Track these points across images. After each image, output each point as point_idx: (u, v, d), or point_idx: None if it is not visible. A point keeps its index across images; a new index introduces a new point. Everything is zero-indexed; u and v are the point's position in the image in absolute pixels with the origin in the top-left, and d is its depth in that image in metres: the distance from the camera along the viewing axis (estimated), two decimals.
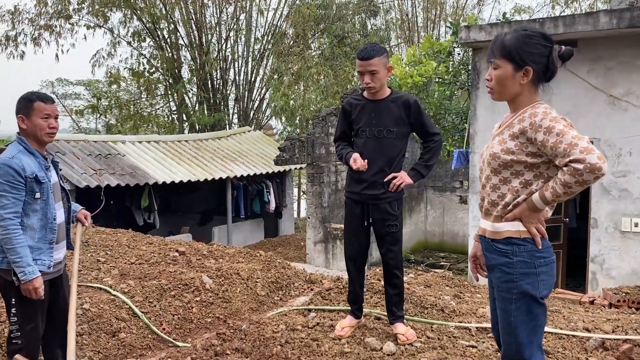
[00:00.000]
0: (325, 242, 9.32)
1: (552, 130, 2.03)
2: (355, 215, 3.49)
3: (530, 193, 2.13)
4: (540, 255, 2.14)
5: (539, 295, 2.13)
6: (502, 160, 2.16)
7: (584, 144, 1.97)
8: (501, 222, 2.19)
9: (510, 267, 2.15)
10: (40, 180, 2.93)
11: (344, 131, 3.62)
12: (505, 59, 2.15)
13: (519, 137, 2.12)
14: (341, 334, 3.47)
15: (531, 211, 2.12)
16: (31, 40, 17.65)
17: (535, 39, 2.14)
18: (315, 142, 9.18)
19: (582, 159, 1.94)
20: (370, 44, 3.46)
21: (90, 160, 10.46)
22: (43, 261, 2.96)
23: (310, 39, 19.07)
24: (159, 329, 4.25)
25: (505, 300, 2.18)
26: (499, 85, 2.19)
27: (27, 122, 2.95)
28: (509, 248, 2.16)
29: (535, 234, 2.14)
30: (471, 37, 6.30)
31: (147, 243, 6.64)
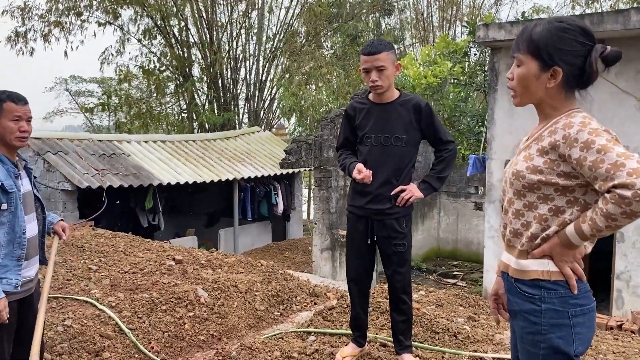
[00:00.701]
0: (332, 250, 8.97)
1: (591, 145, 1.62)
2: (359, 232, 3.13)
3: (562, 223, 1.73)
4: (575, 302, 1.73)
5: (574, 352, 1.72)
6: (527, 180, 1.77)
7: (634, 165, 1.55)
8: (527, 259, 1.79)
9: (537, 315, 1.74)
10: (7, 190, 2.62)
11: (346, 138, 3.25)
12: (531, 55, 1.76)
13: (549, 152, 1.73)
14: None
15: (565, 247, 1.72)
16: (41, 37, 17.53)
17: (571, 33, 1.73)
18: (323, 144, 8.83)
19: (630, 184, 1.52)
20: (376, 39, 3.09)
21: (93, 160, 10.21)
22: (9, 280, 2.65)
23: (322, 37, 18.72)
24: (147, 347, 3.93)
25: (530, 355, 1.77)
26: (521, 86, 1.81)
27: None
28: (536, 292, 1.75)
29: (571, 275, 1.73)
30: (490, 36, 5.91)
31: (145, 249, 6.35)
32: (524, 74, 1.79)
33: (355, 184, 3.09)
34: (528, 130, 5.88)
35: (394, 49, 3.09)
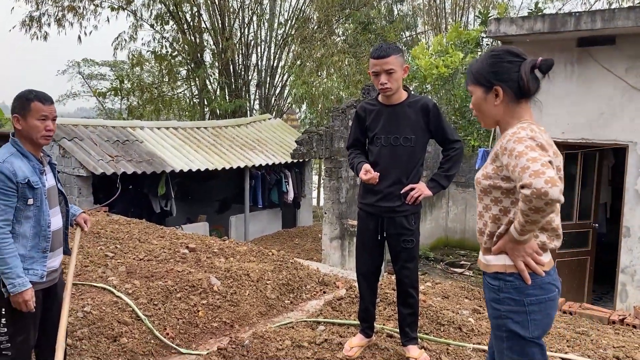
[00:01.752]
0: (342, 239, 9.09)
1: (512, 152, 1.88)
2: (369, 229, 3.25)
3: (509, 222, 1.98)
4: (531, 292, 1.96)
5: (529, 335, 1.96)
6: (482, 185, 2.08)
7: (536, 167, 1.78)
8: (489, 255, 2.06)
9: (498, 303, 2.02)
10: (34, 186, 2.76)
11: (357, 138, 3.36)
12: (475, 84, 2.09)
13: (495, 160, 2.02)
14: (349, 354, 3.25)
15: (513, 243, 1.95)
16: (55, 21, 17.63)
17: (498, 57, 2.04)
18: (334, 135, 8.91)
19: (528, 184, 1.76)
20: (384, 42, 3.21)
21: (107, 147, 10.37)
22: (35, 271, 2.80)
23: (334, 24, 18.67)
24: (163, 333, 4.09)
25: (497, 338, 2.06)
26: (478, 112, 2.13)
27: (23, 123, 2.78)
28: (496, 283, 2.02)
29: (522, 269, 1.95)
30: (501, 31, 5.94)
31: (159, 236, 6.51)
32: (476, 100, 2.10)
33: (366, 183, 3.19)
34: None
35: (403, 52, 3.19)
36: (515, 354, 1.99)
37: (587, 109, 6.04)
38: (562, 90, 6.06)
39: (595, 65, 5.91)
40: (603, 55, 5.87)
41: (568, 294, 6.31)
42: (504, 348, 2.01)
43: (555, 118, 6.11)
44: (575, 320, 4.35)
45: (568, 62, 6.09)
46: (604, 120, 5.97)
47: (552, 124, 6.09)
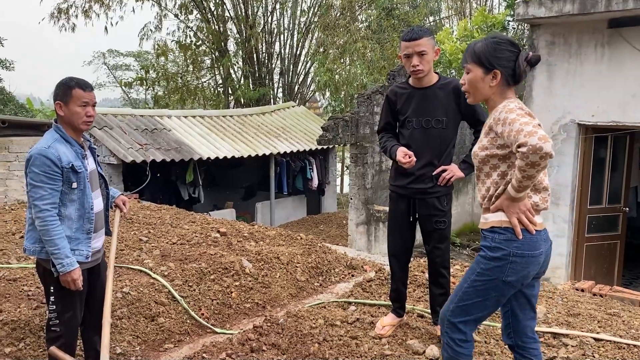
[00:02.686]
0: (368, 224, 9.15)
1: (506, 120, 2.16)
2: (401, 211, 3.29)
3: (507, 183, 2.26)
4: (517, 245, 2.23)
5: (504, 278, 2.25)
6: (480, 157, 2.35)
7: (529, 128, 2.07)
8: (488, 214, 2.34)
9: (488, 249, 2.30)
10: (77, 170, 2.87)
11: (388, 122, 3.39)
12: (476, 64, 2.33)
13: (489, 133, 2.31)
14: (382, 333, 3.33)
15: (509, 201, 2.22)
16: (82, 13, 17.90)
17: (503, 45, 2.31)
18: (359, 121, 8.93)
19: (524, 143, 2.04)
20: (416, 25, 3.25)
21: (136, 135, 10.57)
22: (81, 251, 2.92)
23: (357, 11, 18.57)
24: (198, 314, 4.22)
25: (470, 269, 2.38)
26: (472, 88, 2.37)
27: (65, 109, 2.88)
28: (490, 235, 2.31)
29: (515, 224, 2.23)
30: (529, 13, 5.88)
31: (190, 221, 6.65)
32: (473, 78, 2.35)
33: (398, 165, 3.23)
34: (566, 108, 5.88)
35: (433, 35, 3.21)
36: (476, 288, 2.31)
37: (617, 91, 5.96)
38: (592, 72, 5.99)
39: (627, 46, 5.82)
40: (635, 36, 5.77)
41: (598, 278, 6.29)
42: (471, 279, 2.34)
43: (585, 101, 6.04)
44: (606, 302, 4.34)
45: (598, 43, 6.00)
46: (635, 102, 5.88)
47: (582, 107, 6.04)
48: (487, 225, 2.31)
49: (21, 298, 3.95)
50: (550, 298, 4.17)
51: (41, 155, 2.76)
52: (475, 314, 2.35)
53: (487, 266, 2.27)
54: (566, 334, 3.40)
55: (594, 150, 6.31)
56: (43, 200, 2.76)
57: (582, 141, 6.22)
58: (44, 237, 2.77)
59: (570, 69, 6.08)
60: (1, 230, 5.93)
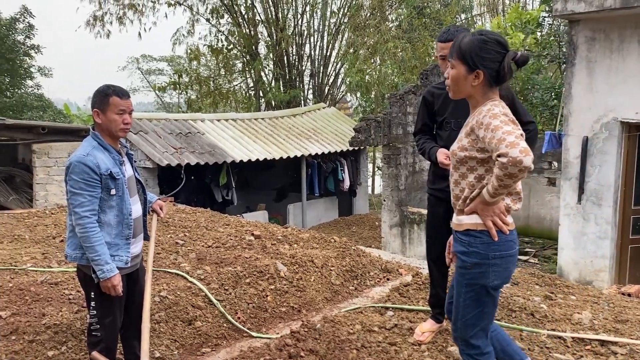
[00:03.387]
0: (402, 227, 9.04)
1: (489, 126, 2.14)
2: (439, 214, 3.23)
3: (483, 187, 2.26)
4: (495, 247, 2.26)
5: (489, 284, 2.28)
6: (458, 157, 2.32)
7: (511, 139, 2.05)
8: (462, 216, 2.34)
9: (465, 255, 2.30)
10: (115, 177, 2.89)
11: (425, 124, 3.33)
12: (460, 61, 2.27)
13: (470, 134, 2.27)
14: (421, 339, 3.26)
15: (484, 204, 2.24)
16: (116, 19, 18.28)
17: (489, 44, 2.24)
18: (392, 122, 8.84)
19: (505, 153, 2.03)
20: (452, 25, 3.17)
21: (171, 139, 10.72)
22: (120, 257, 2.95)
23: (387, 10, 18.45)
24: (234, 317, 4.23)
25: (459, 283, 2.38)
26: (454, 84, 2.33)
27: (102, 117, 2.91)
28: (466, 239, 2.31)
29: (490, 226, 2.25)
30: (568, 9, 5.70)
31: (224, 224, 6.70)
32: (456, 75, 2.30)
33: (436, 168, 3.16)
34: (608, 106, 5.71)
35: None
36: (470, 299, 2.32)
37: None
38: (636, 68, 5.76)
39: None
40: None
41: None
42: (462, 292, 2.35)
43: (628, 98, 5.83)
44: None
45: None
46: None
47: (625, 104, 5.82)
48: (462, 227, 2.33)
49: (62, 302, 4.03)
50: (595, 303, 4.03)
51: (80, 163, 2.80)
52: (480, 325, 2.37)
53: (471, 275, 2.29)
54: (615, 342, 3.27)
55: (638, 149, 6.08)
56: (82, 207, 2.79)
57: (625, 139, 6.01)
58: (84, 244, 2.81)
59: (612, 65, 5.87)
60: (42, 234, 6.08)
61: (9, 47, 19.20)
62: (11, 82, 19.95)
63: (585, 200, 6.18)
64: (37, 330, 3.53)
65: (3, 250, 5.31)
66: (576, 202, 6.22)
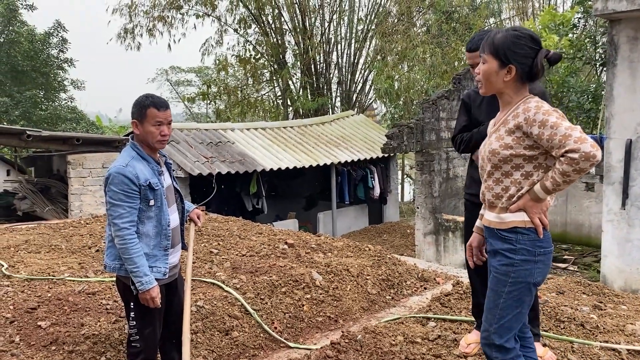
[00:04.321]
0: (436, 234, 8.87)
1: (546, 123, 2.13)
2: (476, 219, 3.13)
3: (532, 183, 2.25)
4: (540, 245, 2.26)
5: (534, 281, 2.27)
6: (502, 155, 2.27)
7: (577, 134, 2.06)
8: (507, 213, 2.30)
9: (512, 252, 2.27)
10: (154, 187, 2.87)
11: (465, 126, 3.28)
12: (492, 56, 2.27)
13: (515, 132, 2.24)
14: (467, 351, 3.14)
15: (534, 201, 2.23)
16: (146, 32, 18.61)
17: (523, 40, 2.24)
18: (425, 127, 8.71)
19: (576, 149, 2.04)
20: (479, 32, 3.10)
21: (202, 148, 10.79)
22: (159, 268, 2.92)
23: (415, 16, 18.32)
24: (271, 327, 4.17)
25: (500, 282, 2.31)
26: (485, 80, 2.33)
27: (140, 128, 2.89)
28: (513, 236, 2.27)
29: (538, 224, 2.24)
30: (609, 8, 5.52)
31: (257, 233, 6.67)
32: (487, 70, 2.30)
33: (474, 172, 3.09)
34: None
35: None
36: (513, 299, 2.28)
37: None
38: None
39: None
40: None
41: None
42: (504, 292, 2.29)
43: None
44: None
45: None
46: None
47: None
48: (507, 225, 2.29)
49: (100, 312, 4.02)
50: None
51: (119, 174, 2.78)
52: (515, 327, 2.33)
53: (517, 273, 2.26)
54: None
55: None
56: (122, 218, 2.77)
57: None
58: (123, 255, 2.79)
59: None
60: (78, 244, 6.14)
61: (44, 61, 19.72)
62: (45, 96, 20.47)
63: (629, 206, 5.94)
64: (76, 341, 3.53)
65: (41, 260, 5.37)
66: (620, 207, 5.99)
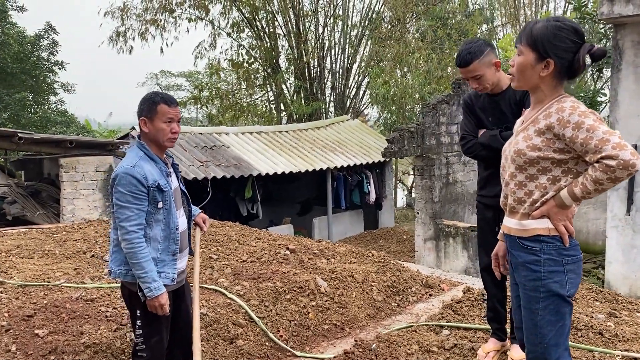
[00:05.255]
0: (437, 240, 8.78)
1: (581, 125, 1.95)
2: (487, 221, 3.11)
3: (558, 189, 2.07)
4: (567, 253, 2.08)
5: (567, 293, 2.08)
6: (528, 157, 2.10)
7: (616, 140, 1.89)
8: (528, 220, 2.13)
9: (538, 264, 2.09)
10: (163, 189, 2.74)
11: (470, 129, 3.25)
12: (529, 47, 2.07)
13: (545, 132, 2.06)
14: None
15: (560, 208, 2.06)
16: (138, 35, 18.41)
17: (565, 32, 2.03)
18: (425, 132, 8.64)
19: (615, 155, 1.88)
20: (466, 45, 3.01)
21: (196, 152, 10.63)
22: (167, 274, 2.78)
23: (408, 22, 18.31)
24: (276, 335, 4.04)
25: (531, 299, 2.12)
26: (519, 73, 2.12)
27: (150, 126, 2.76)
28: (537, 246, 2.10)
29: (564, 232, 2.07)
30: (615, 12, 5.48)
31: (256, 238, 6.53)
32: (523, 62, 2.09)
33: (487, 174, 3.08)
34: None
35: (488, 48, 3.02)
36: (550, 313, 2.07)
37: None
38: None
39: None
40: None
41: None
42: (539, 309, 2.09)
43: None
44: None
45: None
46: None
47: None
48: (529, 233, 2.11)
49: (100, 319, 3.87)
50: None
51: (127, 175, 2.64)
52: (563, 343, 2.11)
53: (547, 286, 2.08)
54: None
55: None
56: (130, 221, 2.63)
57: None
58: (130, 260, 2.65)
59: None
60: (73, 249, 5.97)
61: (33, 64, 19.43)
62: (35, 99, 20.16)
63: (635, 212, 5.89)
64: (76, 350, 3.37)
65: (34, 266, 5.19)
66: (625, 213, 5.94)
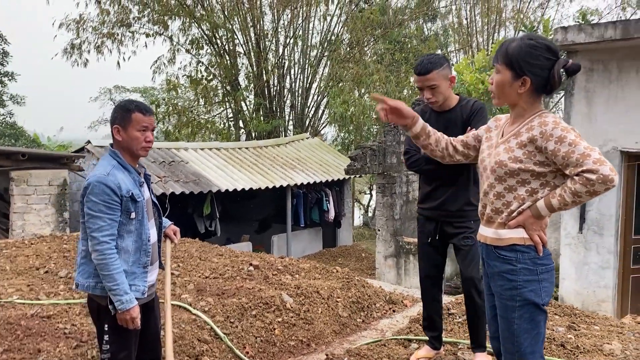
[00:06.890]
0: (397, 257, 8.88)
1: (564, 140, 2.05)
2: (427, 233, 3.26)
3: (535, 201, 2.15)
4: (542, 262, 2.16)
5: (542, 302, 2.15)
6: (509, 168, 2.17)
7: (597, 155, 2.00)
8: (504, 229, 2.20)
9: (513, 274, 2.16)
10: (136, 199, 2.67)
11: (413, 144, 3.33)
12: (506, 66, 2.16)
13: (527, 145, 2.14)
14: None
15: (535, 218, 2.14)
16: (94, 48, 17.99)
17: (539, 50, 2.12)
18: (387, 150, 8.78)
19: (595, 170, 1.97)
20: (427, 56, 3.15)
21: (154, 168, 10.42)
22: (137, 287, 2.71)
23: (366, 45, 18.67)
24: (242, 352, 3.98)
25: (508, 308, 2.19)
26: (498, 90, 2.21)
27: (123, 134, 2.70)
28: (512, 255, 2.17)
29: (538, 241, 2.14)
30: (569, 39, 5.78)
31: (217, 254, 6.43)
32: (501, 80, 2.18)
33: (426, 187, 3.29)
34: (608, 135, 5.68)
35: (447, 63, 3.17)
36: (526, 322, 2.14)
37: None
38: (635, 98, 5.85)
39: None
40: None
41: None
42: (515, 317, 2.16)
43: (627, 127, 5.89)
44: None
45: None
46: None
47: (625, 133, 5.87)
48: (505, 242, 2.19)
49: (58, 336, 3.71)
50: (620, 333, 3.92)
51: (100, 183, 2.57)
52: (538, 350, 2.18)
53: (522, 295, 2.14)
54: None
55: (637, 178, 6.12)
56: (102, 231, 2.55)
57: (625, 169, 6.04)
58: (101, 272, 2.56)
59: (610, 95, 5.94)
60: (25, 265, 5.71)
61: None
62: None
63: (586, 230, 6.15)
64: None
65: None
66: (577, 231, 6.19)
